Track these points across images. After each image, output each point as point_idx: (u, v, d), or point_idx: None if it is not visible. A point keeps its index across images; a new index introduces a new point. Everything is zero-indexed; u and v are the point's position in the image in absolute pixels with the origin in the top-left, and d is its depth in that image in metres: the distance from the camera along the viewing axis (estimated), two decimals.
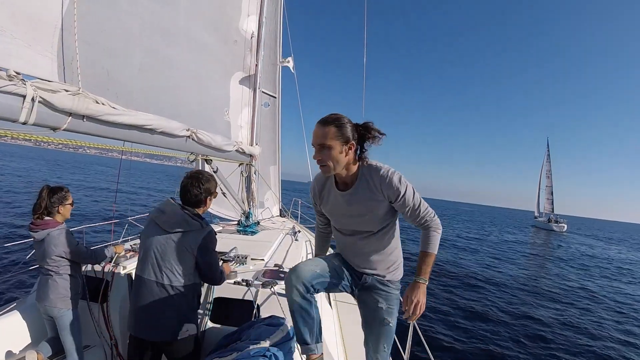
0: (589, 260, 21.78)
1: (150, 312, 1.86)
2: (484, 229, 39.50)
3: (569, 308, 10.08)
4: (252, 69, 4.21)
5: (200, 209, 2.06)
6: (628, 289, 13.82)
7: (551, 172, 56.73)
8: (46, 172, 39.77)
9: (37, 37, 1.63)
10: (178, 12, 2.82)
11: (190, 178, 2.01)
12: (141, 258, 1.95)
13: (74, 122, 1.67)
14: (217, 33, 3.49)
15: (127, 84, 2.23)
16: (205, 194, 2.03)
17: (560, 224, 49.02)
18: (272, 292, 2.32)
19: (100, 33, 2.02)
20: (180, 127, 2.52)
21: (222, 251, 2.87)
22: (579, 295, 11.98)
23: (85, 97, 1.67)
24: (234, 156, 3.75)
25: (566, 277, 15.11)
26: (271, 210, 6.11)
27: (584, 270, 17.49)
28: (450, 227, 34.13)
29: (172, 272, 1.86)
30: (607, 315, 9.79)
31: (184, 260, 1.88)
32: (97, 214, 15.35)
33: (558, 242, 33.45)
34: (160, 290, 1.85)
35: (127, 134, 2.05)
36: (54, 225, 2.36)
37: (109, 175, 44.94)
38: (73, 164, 68.85)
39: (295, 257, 3.27)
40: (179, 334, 1.87)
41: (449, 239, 23.36)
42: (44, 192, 2.39)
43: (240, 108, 4.11)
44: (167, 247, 1.87)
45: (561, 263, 19.17)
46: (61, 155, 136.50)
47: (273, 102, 5.63)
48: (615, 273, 17.81)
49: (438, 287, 10.30)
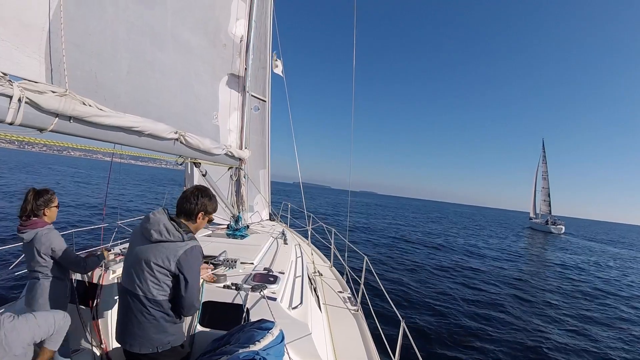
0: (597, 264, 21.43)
1: (130, 323, 1.81)
2: (481, 230, 39.22)
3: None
4: (241, 72, 4.23)
5: (190, 224, 1.96)
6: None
7: (547, 174, 56.00)
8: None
9: (25, 40, 1.64)
10: (166, 16, 2.83)
11: (193, 188, 1.98)
12: (124, 267, 1.90)
13: (61, 123, 1.67)
14: (206, 37, 3.51)
15: (115, 87, 2.24)
16: (200, 207, 1.95)
17: (558, 226, 48.68)
18: (262, 295, 2.32)
19: (88, 36, 2.03)
20: (167, 129, 2.52)
21: (211, 255, 2.87)
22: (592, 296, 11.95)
23: (73, 98, 1.67)
24: (223, 160, 3.75)
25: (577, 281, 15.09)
26: (261, 214, 6.10)
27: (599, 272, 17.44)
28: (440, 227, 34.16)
29: (150, 284, 1.77)
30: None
31: (161, 272, 1.78)
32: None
33: (560, 244, 33.20)
34: (139, 302, 1.78)
35: (114, 136, 2.06)
36: (42, 225, 2.36)
37: (64, 175, 43.32)
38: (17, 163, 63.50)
39: (284, 261, 3.28)
40: (160, 347, 1.82)
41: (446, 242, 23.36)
42: (29, 195, 2.39)
43: (230, 112, 4.13)
44: (144, 257, 1.78)
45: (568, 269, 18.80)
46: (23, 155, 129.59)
47: (263, 106, 5.65)
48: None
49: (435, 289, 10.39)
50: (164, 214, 1.90)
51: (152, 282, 1.76)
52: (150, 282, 1.76)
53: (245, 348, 1.70)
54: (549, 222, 50.41)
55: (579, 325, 8.90)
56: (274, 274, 2.71)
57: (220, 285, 2.43)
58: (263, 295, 2.31)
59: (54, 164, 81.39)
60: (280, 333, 1.89)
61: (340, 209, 45.71)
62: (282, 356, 1.82)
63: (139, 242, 1.85)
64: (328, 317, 3.50)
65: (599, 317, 9.95)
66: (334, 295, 4.19)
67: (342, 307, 3.86)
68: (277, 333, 1.88)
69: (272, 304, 2.25)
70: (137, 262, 1.79)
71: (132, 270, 1.80)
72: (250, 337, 1.82)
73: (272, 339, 1.82)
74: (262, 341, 1.77)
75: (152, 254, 1.77)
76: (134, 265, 1.80)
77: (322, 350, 2.39)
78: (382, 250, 16.81)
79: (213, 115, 3.72)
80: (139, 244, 1.84)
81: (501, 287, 11.96)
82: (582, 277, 16.11)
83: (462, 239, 26.70)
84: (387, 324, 5.98)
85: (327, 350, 2.67)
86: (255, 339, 1.78)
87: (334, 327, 3.30)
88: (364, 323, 3.48)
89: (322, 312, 3.40)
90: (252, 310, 2.25)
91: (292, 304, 2.51)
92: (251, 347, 1.71)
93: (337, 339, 3.07)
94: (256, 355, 1.58)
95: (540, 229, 50.23)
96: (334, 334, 3.15)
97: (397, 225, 32.59)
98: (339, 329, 3.27)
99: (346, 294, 4.28)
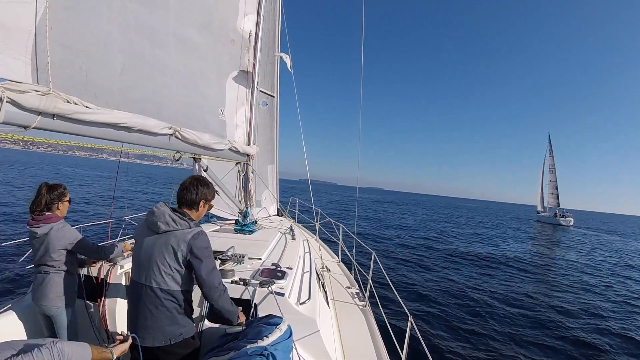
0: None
1: (142, 316, 1.83)
2: (490, 225, 38.47)
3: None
4: (249, 67, 4.23)
5: (193, 213, 2.01)
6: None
7: (554, 167, 55.94)
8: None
9: (10, 43, 1.72)
10: (167, 14, 2.87)
11: (192, 178, 2.03)
12: (134, 261, 1.93)
13: (44, 121, 1.74)
14: (211, 33, 3.53)
15: (107, 85, 2.30)
16: (201, 196, 2.00)
17: (567, 218, 48.92)
18: (270, 291, 2.31)
19: (78, 37, 2.11)
20: (159, 124, 2.54)
21: (219, 250, 2.89)
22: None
23: (55, 96, 1.72)
24: (227, 155, 3.76)
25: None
26: (268, 210, 6.13)
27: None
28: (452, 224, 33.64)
29: (161, 275, 1.80)
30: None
31: (173, 261, 1.82)
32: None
33: (571, 236, 33.14)
34: (151, 294, 1.81)
35: (102, 132, 2.11)
36: (56, 219, 2.40)
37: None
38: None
39: (292, 256, 3.26)
40: (172, 338, 1.85)
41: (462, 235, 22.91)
42: (43, 189, 2.44)
43: (237, 107, 4.14)
44: (154, 248, 1.83)
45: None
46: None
47: (271, 101, 5.63)
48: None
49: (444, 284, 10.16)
50: (166, 206, 1.95)
51: (165, 272, 1.80)
52: (164, 272, 1.80)
53: (253, 343, 1.70)
54: (558, 215, 49.79)
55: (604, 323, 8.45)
56: (282, 269, 2.70)
57: (228, 280, 2.43)
58: (271, 291, 2.30)
59: (61, 164, 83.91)
60: (288, 328, 1.89)
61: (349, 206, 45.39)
62: (290, 351, 1.81)
63: (145, 235, 1.89)
64: (336, 312, 3.48)
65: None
66: (341, 290, 4.15)
67: (350, 303, 3.83)
68: (285, 328, 1.87)
69: (280, 300, 2.25)
70: (148, 254, 1.83)
71: (143, 264, 1.84)
72: (258, 332, 1.82)
73: (280, 335, 1.82)
74: (270, 336, 1.77)
75: (162, 244, 1.82)
76: (146, 258, 1.84)
77: (330, 345, 2.37)
78: (390, 246, 16.62)
79: (219, 111, 3.74)
80: (146, 236, 1.89)
81: (513, 283, 11.51)
82: (599, 268, 15.91)
83: (471, 230, 26.42)
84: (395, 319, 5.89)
85: (335, 346, 2.64)
86: (263, 335, 1.78)
87: (341, 322, 3.28)
88: (372, 318, 3.45)
89: (330, 307, 3.38)
90: (260, 305, 2.26)
91: (300, 300, 2.50)
92: (259, 342, 1.71)
93: (345, 335, 3.05)
94: (264, 351, 1.58)
95: (549, 222, 49.92)
96: (341, 330, 3.13)
97: (408, 221, 32.26)
98: (346, 325, 3.24)
99: (354, 290, 4.23)
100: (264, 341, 1.71)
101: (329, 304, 3.42)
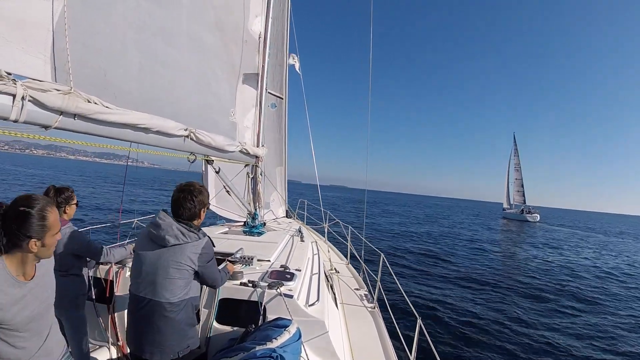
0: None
1: (148, 332, 1.79)
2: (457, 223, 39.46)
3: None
4: (259, 69, 4.22)
5: (195, 221, 1.99)
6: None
7: (520, 166, 59.71)
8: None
9: (29, 40, 1.67)
10: (180, 14, 2.85)
11: (182, 192, 1.93)
12: (134, 275, 1.88)
13: (65, 121, 1.70)
14: (223, 34, 3.51)
15: (125, 85, 2.27)
16: (199, 206, 1.96)
17: (534, 214, 51.09)
18: (278, 293, 2.29)
19: (96, 35, 2.06)
20: (176, 126, 2.52)
21: (228, 252, 2.89)
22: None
23: (77, 96, 1.69)
24: (237, 157, 3.74)
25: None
26: (277, 211, 6.10)
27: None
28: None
29: (169, 289, 1.77)
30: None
31: (181, 274, 1.80)
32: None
33: (537, 231, 35.91)
34: (157, 308, 1.78)
35: (120, 133, 2.07)
36: (64, 223, 2.36)
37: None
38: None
39: (301, 258, 3.25)
40: (180, 352, 1.83)
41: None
42: (50, 192, 2.41)
43: (247, 109, 4.12)
44: (162, 262, 1.78)
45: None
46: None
47: (280, 103, 5.62)
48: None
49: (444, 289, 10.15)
50: (169, 217, 1.90)
51: (175, 285, 1.78)
52: (174, 285, 1.77)
53: (262, 345, 1.69)
54: (524, 211, 52.07)
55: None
56: (291, 271, 2.68)
57: (237, 282, 2.42)
58: (280, 293, 2.28)
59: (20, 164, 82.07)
60: (297, 330, 1.88)
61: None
62: (299, 353, 1.80)
63: (148, 248, 1.84)
64: (345, 314, 3.46)
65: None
66: (350, 292, 4.14)
67: (358, 305, 3.81)
68: (294, 331, 1.87)
69: (289, 301, 2.23)
70: (155, 268, 1.78)
71: (149, 278, 1.79)
72: (267, 334, 1.82)
73: (289, 337, 1.81)
74: (279, 339, 1.76)
75: (171, 258, 1.78)
76: (152, 272, 1.79)
77: (339, 347, 2.36)
78: (399, 248, 16.85)
79: (230, 112, 3.72)
80: (151, 250, 1.83)
81: (512, 282, 11.79)
82: (564, 258, 18.09)
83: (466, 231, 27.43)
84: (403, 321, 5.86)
85: (344, 348, 2.63)
86: (272, 337, 1.77)
87: (350, 324, 3.26)
88: (381, 320, 3.43)
89: (339, 309, 3.37)
90: (269, 307, 2.25)
91: (308, 302, 2.47)
92: (268, 344, 1.71)
93: (354, 336, 3.03)
94: (273, 353, 1.58)
95: (515, 218, 52.50)
96: (350, 332, 3.11)
97: (402, 222, 33.03)
98: (355, 326, 3.23)
99: (363, 292, 4.22)
100: (273, 343, 1.71)
101: (338, 306, 3.41)
